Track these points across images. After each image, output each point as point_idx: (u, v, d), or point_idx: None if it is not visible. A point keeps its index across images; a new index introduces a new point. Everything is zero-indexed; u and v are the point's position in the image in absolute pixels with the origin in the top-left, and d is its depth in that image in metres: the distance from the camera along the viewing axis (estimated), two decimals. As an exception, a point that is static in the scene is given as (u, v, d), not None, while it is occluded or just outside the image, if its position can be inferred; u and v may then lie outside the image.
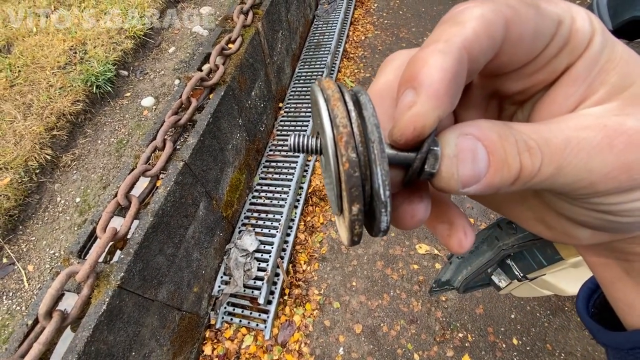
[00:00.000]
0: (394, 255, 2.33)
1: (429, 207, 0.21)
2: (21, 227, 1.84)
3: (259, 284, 2.05)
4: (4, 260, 1.73)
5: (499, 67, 0.19)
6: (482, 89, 0.23)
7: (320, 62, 3.29)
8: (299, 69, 3.30)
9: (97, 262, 1.24)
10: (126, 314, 1.37)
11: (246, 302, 2.09)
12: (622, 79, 0.18)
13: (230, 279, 2.11)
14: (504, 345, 1.96)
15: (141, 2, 2.72)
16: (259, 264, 2.12)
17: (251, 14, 2.24)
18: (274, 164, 2.61)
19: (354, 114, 0.18)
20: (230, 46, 2.05)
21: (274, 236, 2.23)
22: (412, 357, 1.96)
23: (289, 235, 2.34)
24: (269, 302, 2.08)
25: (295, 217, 2.43)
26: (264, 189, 2.49)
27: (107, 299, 1.27)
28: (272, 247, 2.17)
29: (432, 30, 0.18)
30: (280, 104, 2.99)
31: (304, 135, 0.21)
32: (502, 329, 2.01)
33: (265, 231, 2.26)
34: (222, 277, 2.14)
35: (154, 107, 2.32)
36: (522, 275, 1.23)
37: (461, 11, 0.17)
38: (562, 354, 1.91)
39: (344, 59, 3.65)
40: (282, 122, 2.87)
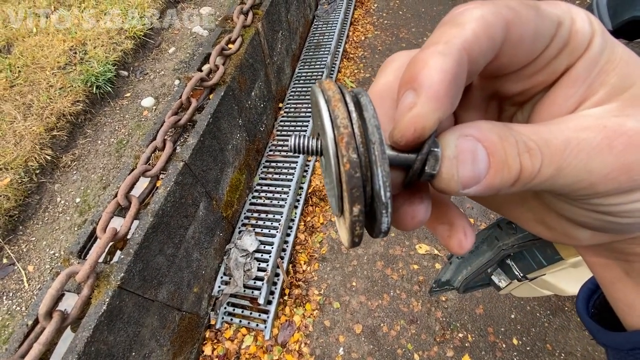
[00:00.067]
0: (394, 255, 2.33)
1: (429, 208, 0.21)
2: (21, 227, 1.84)
3: (259, 284, 2.05)
4: (4, 260, 1.73)
5: (498, 69, 0.19)
6: (482, 90, 0.23)
7: (320, 63, 3.29)
8: (299, 69, 3.30)
9: (97, 262, 1.24)
10: (126, 314, 1.37)
11: (246, 303, 2.09)
12: (621, 80, 0.18)
13: (230, 279, 2.11)
14: (504, 345, 1.96)
15: (141, 2, 2.72)
16: (259, 264, 2.12)
17: (251, 14, 2.24)
18: (274, 164, 2.61)
19: (354, 115, 0.18)
20: (230, 46, 2.05)
21: (274, 236, 2.23)
22: (412, 357, 1.96)
23: (289, 235, 2.34)
24: (269, 302, 2.08)
25: (295, 217, 2.43)
26: (264, 189, 2.49)
27: (107, 299, 1.27)
28: (272, 247, 2.17)
29: (432, 30, 0.18)
30: (280, 104, 2.99)
31: (304, 136, 0.21)
32: (502, 329, 2.01)
33: (265, 231, 2.26)
34: (222, 277, 2.14)
35: (154, 107, 2.32)
36: (522, 275, 1.23)
37: (461, 12, 0.17)
38: (562, 354, 1.91)
39: (344, 59, 3.65)
40: (282, 123, 2.87)
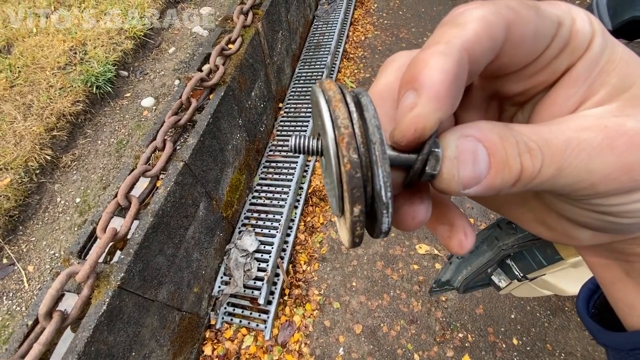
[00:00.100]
0: (394, 255, 2.33)
1: (429, 208, 0.21)
2: (21, 227, 1.84)
3: (259, 284, 2.05)
4: (4, 260, 1.73)
5: (499, 69, 0.19)
6: (483, 90, 0.23)
7: (320, 63, 3.29)
8: (299, 69, 3.30)
9: (97, 262, 1.24)
10: (126, 314, 1.37)
11: (246, 303, 2.09)
12: (622, 80, 0.18)
13: (230, 279, 2.11)
14: (504, 345, 1.96)
15: (141, 2, 2.72)
16: (259, 264, 2.12)
17: (251, 15, 2.24)
18: (274, 164, 2.61)
19: (355, 115, 0.18)
20: (230, 46, 2.05)
21: (274, 236, 2.23)
22: (412, 357, 1.96)
23: (289, 235, 2.34)
24: (269, 303, 2.08)
25: (295, 217, 2.43)
26: (264, 189, 2.49)
27: (107, 300, 1.27)
28: (272, 248, 2.17)
29: (432, 30, 0.18)
30: (280, 105, 2.99)
31: (305, 136, 0.21)
32: (502, 329, 2.01)
33: (265, 231, 2.26)
34: (222, 277, 2.14)
35: (154, 107, 2.32)
36: (522, 275, 1.23)
37: (462, 13, 0.17)
38: (562, 354, 1.91)
39: (344, 60, 3.65)
40: (282, 123, 2.87)
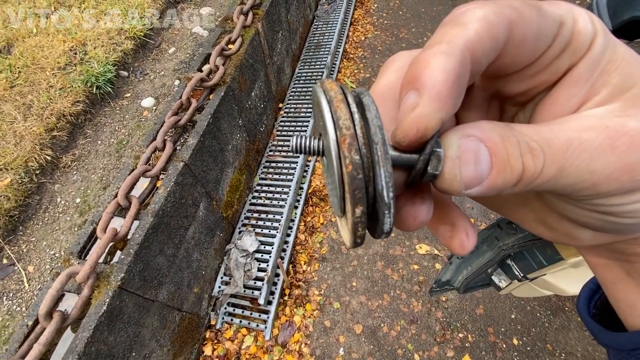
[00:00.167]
0: (394, 255, 2.33)
1: (431, 208, 0.21)
2: (21, 227, 1.84)
3: (259, 284, 2.05)
4: (4, 261, 1.73)
5: (501, 69, 0.19)
6: (484, 90, 0.23)
7: (320, 63, 3.29)
8: (299, 69, 3.30)
9: (97, 262, 1.24)
10: (126, 314, 1.37)
11: (246, 303, 2.08)
12: (624, 80, 0.18)
13: (230, 279, 2.11)
14: (505, 345, 1.96)
15: (141, 2, 2.72)
16: (259, 264, 2.12)
17: (251, 15, 2.24)
18: (274, 165, 2.61)
19: (357, 116, 0.18)
20: (230, 47, 2.05)
21: (274, 236, 2.23)
22: (412, 357, 1.96)
23: (289, 235, 2.34)
24: (269, 303, 2.08)
25: (295, 217, 2.43)
26: (264, 189, 2.49)
27: (107, 300, 1.27)
28: (272, 248, 2.17)
29: (432, 30, 0.18)
30: (280, 105, 2.99)
31: (306, 136, 0.21)
32: (502, 329, 2.01)
33: (265, 231, 2.26)
34: (222, 277, 2.14)
35: (154, 107, 2.32)
36: (522, 275, 1.23)
37: (463, 12, 0.17)
38: (563, 354, 1.91)
39: (344, 60, 3.65)
40: (282, 123, 2.87)
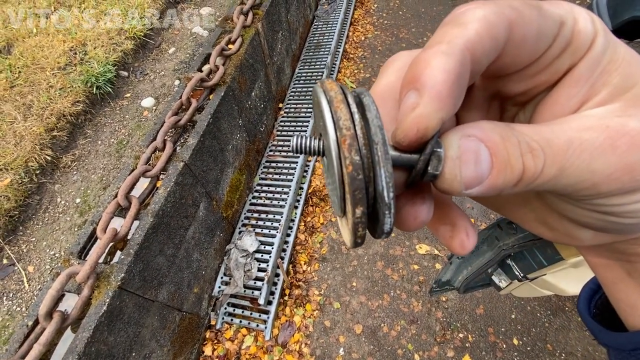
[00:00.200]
0: (394, 255, 2.33)
1: (431, 208, 0.21)
2: (21, 228, 1.84)
3: (259, 284, 2.05)
4: (4, 261, 1.73)
5: (501, 69, 0.19)
6: (484, 90, 0.23)
7: (320, 63, 3.29)
8: (299, 69, 3.30)
9: (97, 262, 1.24)
10: (126, 314, 1.37)
11: (246, 303, 2.08)
12: (624, 80, 0.18)
13: (230, 279, 2.11)
14: (505, 345, 1.96)
15: (141, 2, 2.72)
16: (259, 264, 2.12)
17: (251, 15, 2.24)
18: (274, 165, 2.61)
19: (357, 116, 0.18)
20: (230, 47, 2.05)
21: (274, 237, 2.23)
22: (412, 357, 1.96)
23: (289, 235, 2.34)
24: (269, 303, 2.08)
25: (295, 217, 2.43)
26: (264, 189, 2.49)
27: (107, 300, 1.27)
28: (272, 248, 2.17)
29: (432, 31, 0.18)
30: (280, 105, 2.99)
31: (306, 136, 0.21)
32: (502, 329, 2.01)
33: (265, 231, 2.26)
34: (222, 277, 2.14)
35: (154, 107, 2.32)
36: (522, 275, 1.23)
37: (463, 12, 0.17)
38: (563, 354, 1.91)
39: (344, 60, 3.65)
40: (282, 123, 2.87)
